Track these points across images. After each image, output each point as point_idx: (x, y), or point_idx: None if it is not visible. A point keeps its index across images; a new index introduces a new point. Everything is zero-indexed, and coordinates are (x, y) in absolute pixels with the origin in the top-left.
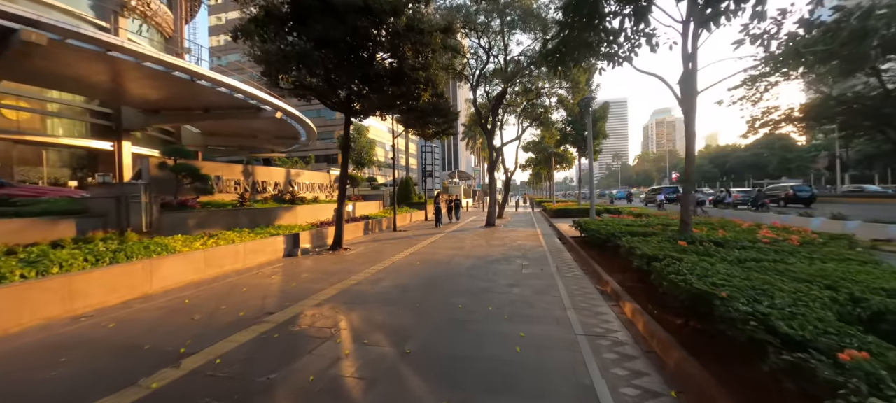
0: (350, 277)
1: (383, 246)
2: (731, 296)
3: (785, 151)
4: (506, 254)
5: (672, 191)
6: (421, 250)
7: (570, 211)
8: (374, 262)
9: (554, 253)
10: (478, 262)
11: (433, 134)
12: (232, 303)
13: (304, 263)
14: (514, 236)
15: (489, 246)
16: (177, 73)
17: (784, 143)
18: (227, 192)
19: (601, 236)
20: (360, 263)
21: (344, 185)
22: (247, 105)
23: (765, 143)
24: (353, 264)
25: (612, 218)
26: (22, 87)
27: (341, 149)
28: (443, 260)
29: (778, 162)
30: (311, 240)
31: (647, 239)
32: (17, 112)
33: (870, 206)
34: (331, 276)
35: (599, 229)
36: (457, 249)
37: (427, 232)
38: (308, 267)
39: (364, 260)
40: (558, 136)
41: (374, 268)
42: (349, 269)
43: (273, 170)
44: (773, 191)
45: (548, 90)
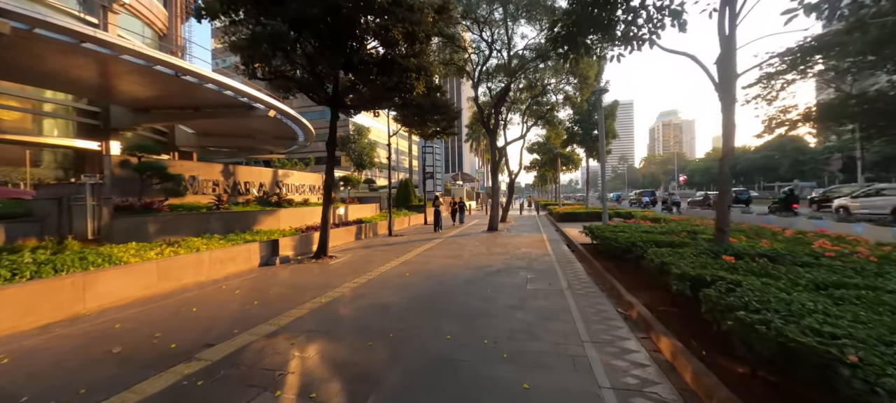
0: (325, 293)
1: (373, 254)
2: (866, 362)
3: (797, 153)
4: (508, 264)
5: (650, 194)
6: (414, 259)
7: (577, 214)
8: (359, 273)
9: (563, 264)
10: (476, 274)
11: (433, 133)
12: (170, 329)
13: (279, 274)
14: (518, 242)
15: (490, 255)
16: (159, 68)
17: (796, 145)
18: (205, 194)
19: (619, 245)
20: (342, 274)
21: (330, 187)
22: (237, 103)
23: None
24: (335, 276)
25: (626, 224)
26: (2, 85)
27: (327, 148)
28: (436, 271)
29: (790, 164)
30: (293, 247)
31: (678, 252)
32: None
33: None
34: (304, 292)
35: (616, 237)
36: (454, 258)
37: (424, 238)
38: (281, 280)
39: (348, 270)
40: (564, 136)
41: (357, 282)
42: (328, 282)
43: (258, 170)
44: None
45: (554, 86)
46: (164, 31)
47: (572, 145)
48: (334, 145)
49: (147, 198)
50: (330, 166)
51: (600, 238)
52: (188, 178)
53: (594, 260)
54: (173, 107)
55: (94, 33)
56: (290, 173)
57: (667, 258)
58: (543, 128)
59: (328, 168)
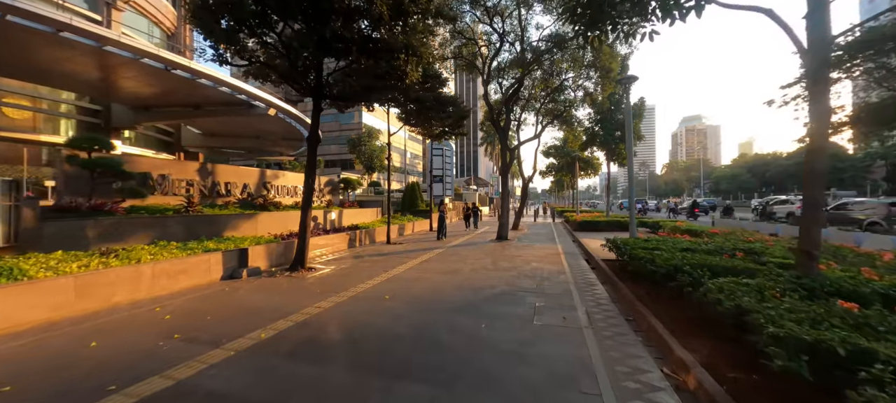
0: (274, 322)
1: (361, 266)
2: None
3: (836, 160)
4: (514, 285)
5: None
6: (404, 273)
7: (597, 223)
8: (331, 292)
9: (581, 287)
10: (472, 299)
11: (440, 133)
12: (33, 376)
13: (237, 292)
14: (528, 255)
15: (495, 270)
16: (147, 61)
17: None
18: (177, 194)
19: (658, 269)
20: (310, 294)
21: (310, 190)
22: (235, 100)
23: None
24: (301, 295)
25: (659, 237)
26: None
27: (307, 143)
28: (424, 292)
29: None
30: (268, 257)
31: (752, 286)
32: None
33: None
34: (250, 320)
35: (653, 257)
36: (450, 274)
37: (424, 247)
38: (235, 300)
39: (321, 288)
40: (584, 138)
41: (321, 306)
42: (287, 305)
43: (244, 169)
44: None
45: (572, 81)
46: (172, 31)
47: (592, 147)
48: (316, 140)
49: (99, 198)
50: (310, 164)
51: (631, 256)
52: (156, 177)
53: (620, 283)
54: (174, 106)
55: (71, 21)
56: (281, 173)
57: (743, 298)
58: (560, 130)
59: (308, 166)
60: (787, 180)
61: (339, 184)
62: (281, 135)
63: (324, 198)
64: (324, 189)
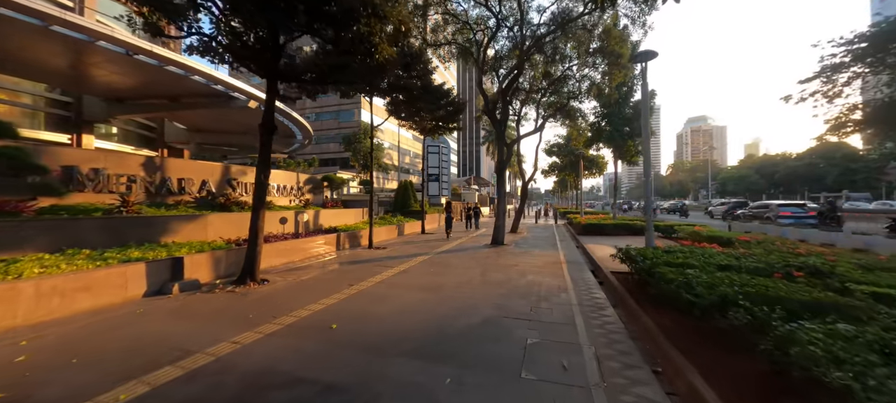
0: (164, 368)
1: (325, 277)
2: None
3: (848, 161)
4: (504, 308)
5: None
6: (374, 288)
7: (603, 226)
8: (271, 316)
9: (588, 312)
10: (446, 330)
11: (433, 128)
12: None
13: (151, 315)
14: (525, 265)
15: (483, 285)
16: (102, 44)
17: (846, 152)
18: (113, 192)
19: (697, 300)
20: (242, 319)
21: (263, 186)
22: (213, 92)
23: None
24: (229, 321)
25: (681, 246)
26: None
27: (260, 131)
28: (388, 317)
29: (839, 173)
30: (215, 266)
31: (866, 339)
32: None
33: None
34: (138, 357)
35: (687, 279)
36: (428, 290)
37: (409, 253)
38: (138, 329)
39: (261, 308)
40: (589, 135)
41: (245, 338)
42: (204, 336)
43: (203, 164)
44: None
45: (577, 68)
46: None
47: (597, 144)
48: (271, 129)
49: (1, 196)
50: (262, 158)
51: (654, 275)
52: (87, 172)
53: (637, 309)
54: (150, 98)
55: None
56: (249, 170)
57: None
58: (563, 126)
59: (260, 160)
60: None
61: (321, 183)
62: None
63: (303, 198)
64: (303, 187)
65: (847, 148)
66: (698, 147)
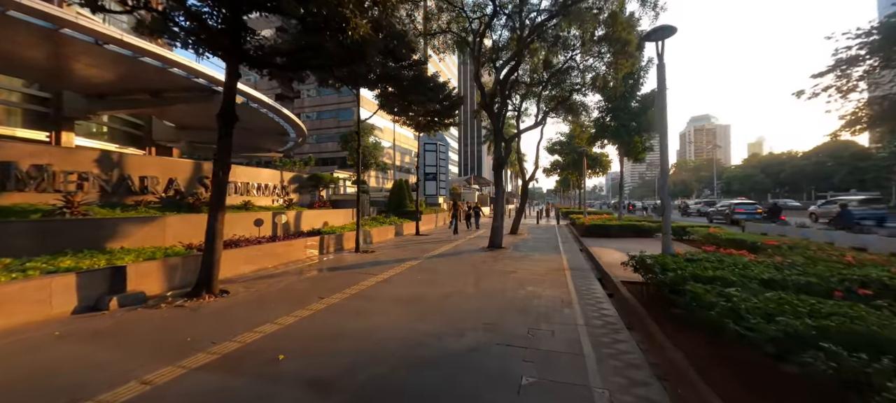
0: None
1: (295, 287)
2: None
3: (857, 160)
4: (496, 329)
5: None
6: (348, 301)
7: (608, 228)
8: (211, 342)
9: (598, 336)
10: (419, 359)
11: (427, 124)
12: None
13: (64, 339)
14: (524, 272)
15: (475, 297)
16: (66, 31)
17: (855, 151)
18: (61, 190)
19: (758, 336)
20: (175, 344)
21: (221, 184)
22: (196, 86)
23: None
24: (158, 347)
25: (704, 254)
26: None
27: (218, 121)
28: (357, 337)
29: (847, 171)
30: (169, 275)
31: None
32: None
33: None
34: (9, 397)
35: (735, 304)
36: (410, 303)
37: (398, 257)
38: (36, 360)
39: (205, 329)
40: (592, 131)
41: (159, 377)
42: (115, 369)
43: (171, 161)
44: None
45: (580, 59)
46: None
47: (602, 141)
48: (231, 118)
49: None
50: (221, 150)
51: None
52: (28, 168)
53: (660, 333)
54: (132, 93)
55: None
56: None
57: None
58: (565, 122)
59: (218, 153)
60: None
61: (309, 182)
62: (263, 129)
63: (287, 198)
64: (288, 186)
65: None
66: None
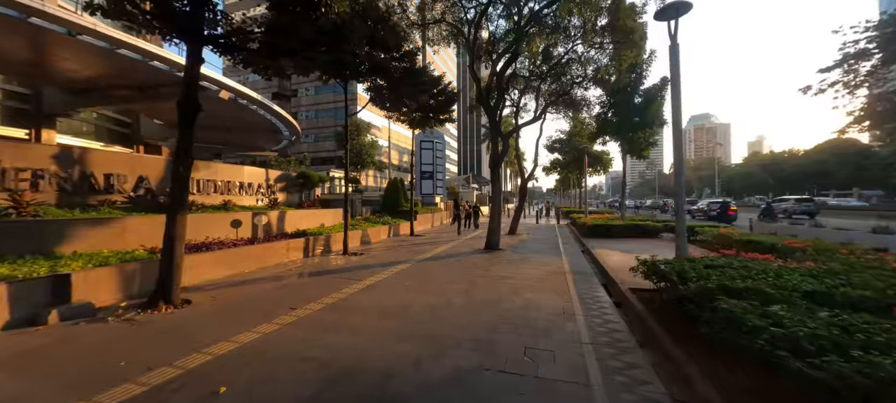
0: None
1: (270, 295)
2: None
3: (860, 157)
4: (486, 348)
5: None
6: (322, 313)
7: (611, 228)
8: (150, 366)
9: (607, 357)
10: (394, 390)
11: (422, 120)
12: None
13: None
14: (521, 278)
15: (466, 308)
16: (34, 20)
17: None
18: (12, 190)
19: (823, 375)
20: (105, 374)
21: (182, 180)
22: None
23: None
24: (78, 380)
25: (727, 259)
26: None
27: (178, 109)
28: (320, 361)
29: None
30: (125, 283)
31: None
32: None
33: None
34: None
35: (784, 328)
36: (390, 317)
37: (388, 261)
38: None
39: (150, 350)
40: (593, 128)
41: None
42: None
43: (142, 157)
44: None
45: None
46: None
47: (603, 138)
48: (193, 107)
49: None
50: (182, 144)
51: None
52: None
53: (683, 357)
54: (114, 88)
55: None
56: (210, 164)
57: None
58: (565, 118)
59: (179, 147)
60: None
61: (297, 180)
62: (255, 127)
63: (272, 197)
64: (274, 185)
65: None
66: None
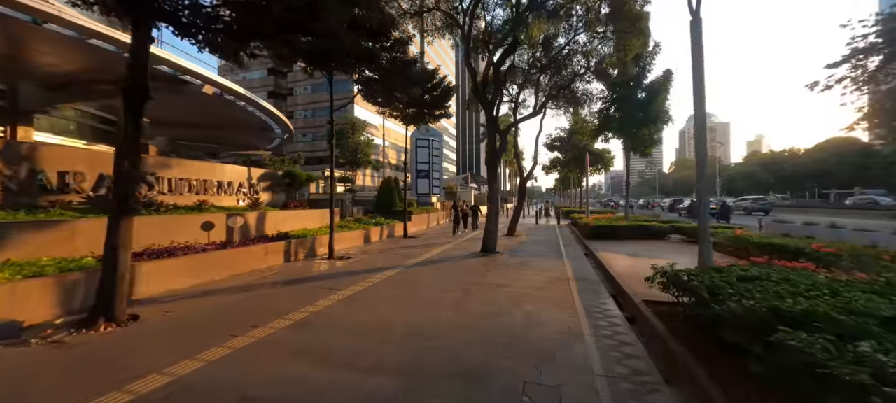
0: None
1: (231, 309)
2: None
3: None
4: (476, 380)
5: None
6: (286, 332)
7: (615, 229)
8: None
9: (626, 395)
10: None
11: (415, 115)
12: None
13: None
14: (520, 287)
15: (455, 325)
16: None
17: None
18: None
19: None
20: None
21: (127, 177)
22: (159, 74)
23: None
24: None
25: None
26: None
27: (123, 95)
28: (274, 398)
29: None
30: (66, 297)
31: None
32: None
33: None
34: None
35: None
36: (365, 335)
37: (376, 267)
38: None
39: (72, 378)
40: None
41: None
42: None
43: (99, 152)
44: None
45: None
46: None
47: (606, 134)
48: (141, 94)
49: None
50: (128, 136)
51: (784, 349)
52: None
53: (723, 397)
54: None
55: None
56: (186, 162)
57: None
58: (566, 114)
59: (124, 139)
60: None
61: (282, 180)
62: (245, 125)
63: (254, 197)
64: (257, 184)
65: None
66: None
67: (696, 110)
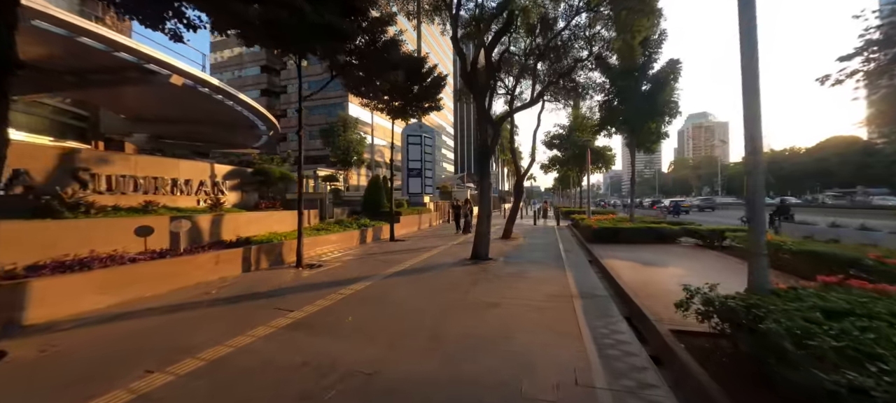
0: None
1: (141, 338)
2: None
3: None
4: None
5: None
6: (191, 380)
7: (620, 231)
8: None
9: None
10: None
11: (401, 108)
12: None
13: None
14: (512, 305)
15: (423, 369)
16: None
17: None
18: None
19: None
20: None
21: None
22: (123, 64)
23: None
24: None
25: (841, 295)
26: None
27: None
28: None
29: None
30: None
31: None
32: None
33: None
34: None
35: None
36: (299, 384)
37: (347, 277)
38: None
39: None
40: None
41: None
42: None
43: (21, 144)
44: None
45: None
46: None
47: (608, 129)
48: (8, 62)
49: None
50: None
51: None
52: None
53: None
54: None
55: None
56: (132, 157)
57: None
58: (565, 107)
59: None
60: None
61: (253, 178)
62: (231, 122)
63: (216, 196)
64: (222, 183)
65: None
66: (700, 143)
67: (744, 84)
